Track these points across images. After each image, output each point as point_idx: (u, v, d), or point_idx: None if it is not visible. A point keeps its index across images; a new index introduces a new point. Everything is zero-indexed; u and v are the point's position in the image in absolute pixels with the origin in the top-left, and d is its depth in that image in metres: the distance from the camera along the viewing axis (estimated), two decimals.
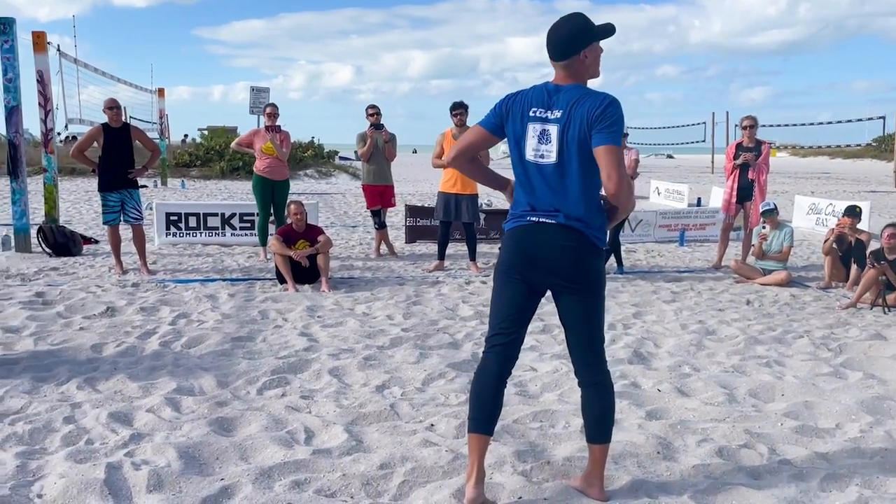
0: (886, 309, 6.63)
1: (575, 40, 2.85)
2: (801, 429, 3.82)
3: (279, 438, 3.61)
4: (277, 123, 8.66)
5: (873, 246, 7.49)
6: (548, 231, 2.87)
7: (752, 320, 6.29)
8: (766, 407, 4.20)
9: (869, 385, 4.55)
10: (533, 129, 2.86)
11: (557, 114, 2.83)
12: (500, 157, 56.90)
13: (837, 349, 5.41)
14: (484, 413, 3.02)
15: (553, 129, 2.83)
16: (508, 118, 2.92)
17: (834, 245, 7.89)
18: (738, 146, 8.77)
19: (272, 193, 8.62)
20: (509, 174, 3.21)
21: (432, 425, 3.86)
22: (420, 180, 24.98)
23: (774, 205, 8.24)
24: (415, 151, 13.69)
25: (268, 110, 8.67)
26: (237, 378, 4.56)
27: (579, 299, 2.97)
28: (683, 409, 4.13)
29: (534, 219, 2.90)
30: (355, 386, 4.50)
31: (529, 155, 2.88)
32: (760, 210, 8.25)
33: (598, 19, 2.92)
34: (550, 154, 2.84)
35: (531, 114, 2.87)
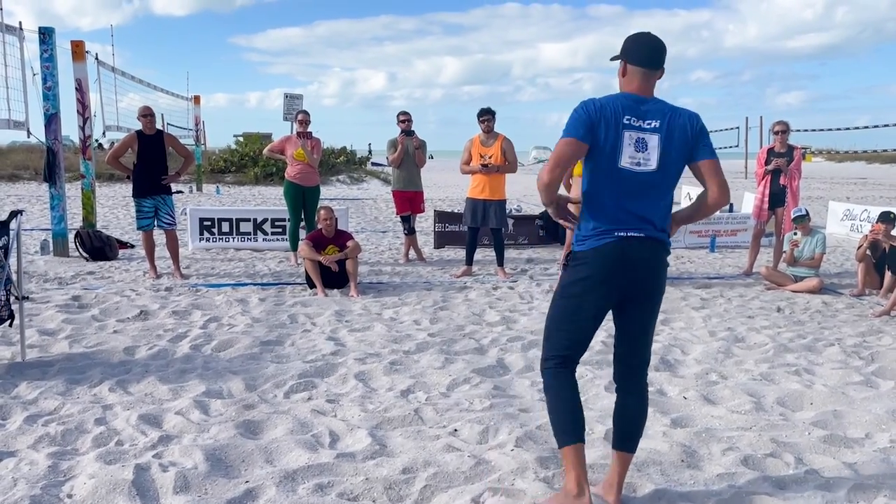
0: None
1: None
2: (829, 438, 3.77)
3: (304, 442, 3.66)
4: (309, 130, 8.77)
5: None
6: (637, 245, 2.90)
7: (782, 328, 6.21)
8: (793, 416, 4.15)
9: (893, 394, 4.47)
10: (629, 137, 2.87)
11: (654, 123, 2.89)
12: (531, 163, 56.70)
13: (869, 357, 5.32)
14: (578, 423, 3.02)
15: (652, 139, 2.88)
16: (600, 125, 2.88)
17: (868, 251, 7.75)
18: (770, 151, 8.66)
19: (303, 199, 8.73)
20: (535, 178, 3.22)
21: (456, 430, 3.88)
22: (451, 185, 25.03)
23: (806, 211, 8.12)
24: (431, 157, 13.76)
25: (299, 117, 8.78)
26: (265, 381, 4.62)
27: (647, 309, 3.02)
28: (709, 417, 4.10)
29: (622, 234, 2.90)
30: (381, 390, 4.54)
31: (625, 162, 2.88)
32: (792, 216, 8.14)
33: (633, 24, 2.99)
34: (649, 162, 2.88)
35: (625, 121, 2.88)
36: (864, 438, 3.81)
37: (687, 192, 19.92)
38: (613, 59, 3.05)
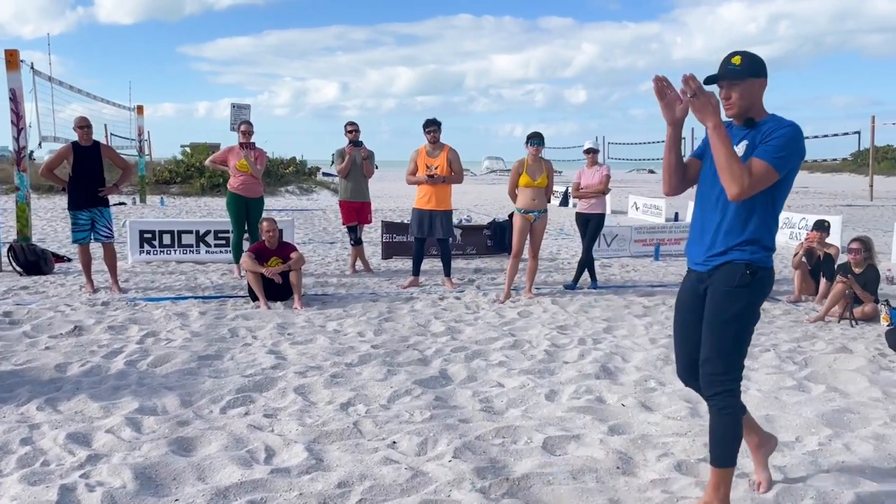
0: (853, 322, 6.69)
1: None
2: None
3: (238, 458, 3.59)
4: (252, 140, 8.66)
5: (842, 259, 7.57)
6: None
7: None
8: None
9: (831, 398, 4.58)
10: None
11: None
12: (483, 174, 56.69)
13: (803, 362, 5.45)
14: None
15: None
16: None
17: (803, 259, 7.96)
18: None
19: (246, 210, 8.61)
20: (494, 189, 3.22)
21: (394, 443, 3.86)
22: (402, 196, 25.02)
23: None
24: (377, 167, 13.66)
25: (242, 128, 8.67)
26: (201, 397, 4.53)
27: None
28: (646, 424, 4.14)
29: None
30: (320, 404, 4.48)
31: None
32: None
33: (583, 36, 2.96)
34: None
35: None
36: (795, 442, 3.90)
37: (633, 201, 20.28)
38: (753, 75, 2.90)
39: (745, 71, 2.88)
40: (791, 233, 13.21)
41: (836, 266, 7.35)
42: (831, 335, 6.27)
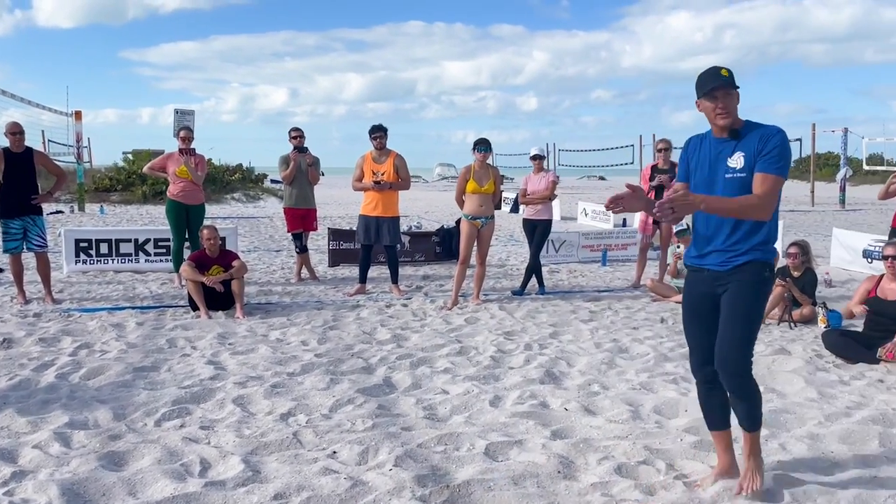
0: (792, 324, 6.84)
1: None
2: (700, 444, 3.87)
3: (171, 472, 3.47)
4: (192, 146, 8.48)
5: (781, 263, 7.74)
6: None
7: (664, 338, 6.39)
8: (668, 423, 4.25)
9: (769, 399, 4.64)
10: None
11: None
12: (435, 180, 56.85)
13: None
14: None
15: None
16: None
17: None
18: (654, 168, 8.97)
19: (187, 218, 8.41)
20: (445, 196, 3.20)
21: (335, 452, 3.78)
22: (351, 202, 24.83)
23: (688, 225, 8.43)
24: (322, 174, 13.39)
25: (181, 133, 8.48)
26: (135, 410, 4.38)
27: None
28: (588, 428, 4.15)
29: None
30: (259, 415, 4.37)
31: None
32: (675, 230, 8.44)
33: (534, 44, 2.98)
34: None
35: None
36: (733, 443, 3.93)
37: (583, 207, 20.51)
38: (737, 87, 3.15)
39: (734, 82, 3.12)
40: None
41: (775, 270, 7.50)
42: (770, 337, 6.39)
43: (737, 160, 3.11)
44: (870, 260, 10.18)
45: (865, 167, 31.41)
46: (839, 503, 3.23)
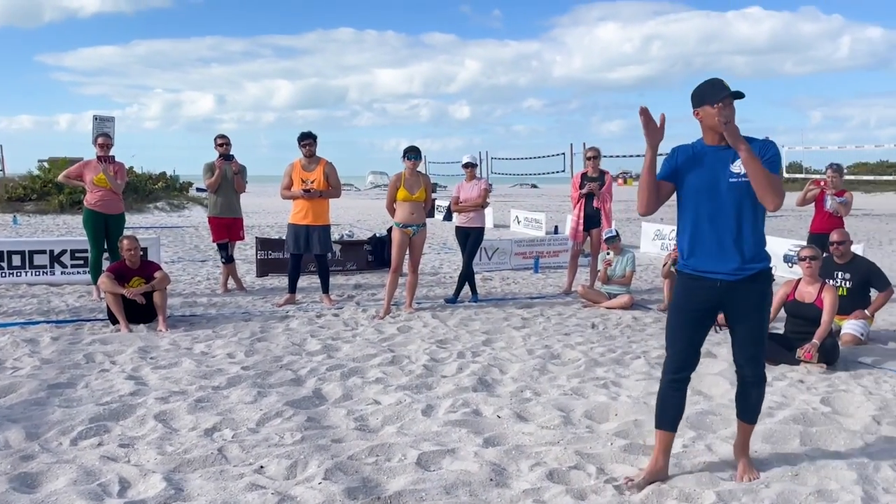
0: (717, 328, 6.99)
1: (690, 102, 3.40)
2: (629, 447, 3.91)
3: (88, 492, 3.30)
4: (111, 154, 8.17)
5: None
6: None
7: (595, 343, 6.47)
8: (599, 427, 4.28)
9: (695, 401, 4.74)
10: None
11: None
12: (367, 188, 56.41)
13: None
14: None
15: None
16: None
17: (672, 269, 8.27)
18: (584, 176, 9.10)
19: (106, 228, 8.09)
20: (378, 204, 3.12)
21: (262, 467, 3.66)
22: (281, 211, 24.45)
23: (617, 232, 8.59)
24: (246, 182, 13.08)
25: (100, 140, 8.16)
26: (49, 429, 4.15)
27: None
28: (521, 434, 4.14)
29: None
30: (182, 430, 4.21)
31: None
32: (604, 237, 8.57)
33: (465, 53, 2.98)
34: None
35: None
36: None
37: (515, 215, 20.70)
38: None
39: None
40: (662, 244, 13.82)
41: None
42: None
43: (740, 166, 3.27)
44: (790, 264, 10.56)
45: (786, 175, 32.81)
46: (762, 502, 3.30)
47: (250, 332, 6.75)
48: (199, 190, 28.84)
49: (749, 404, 3.59)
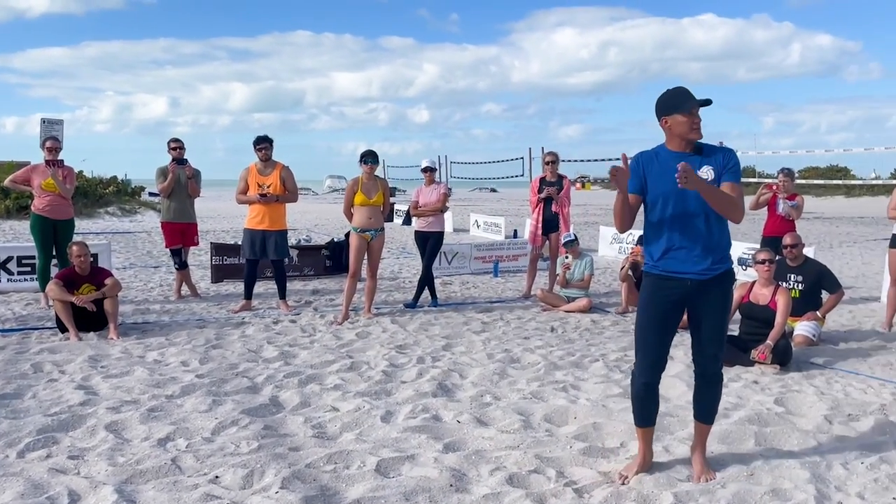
0: (678, 330, 7.08)
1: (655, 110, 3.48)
2: (588, 450, 3.92)
3: None
4: (60, 158, 7.95)
5: None
6: None
7: (554, 346, 6.49)
8: (558, 431, 4.29)
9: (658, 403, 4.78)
10: None
11: None
12: (325, 192, 55.92)
13: (628, 370, 5.67)
14: None
15: None
16: None
17: (629, 272, 8.37)
18: (542, 180, 9.15)
19: (54, 233, 7.86)
20: (336, 208, 3.08)
21: (217, 477, 3.58)
22: (236, 216, 24.14)
23: (575, 236, 8.65)
24: (199, 187, 12.77)
25: (48, 144, 7.93)
26: None
27: None
28: (481, 439, 4.12)
29: None
30: (135, 441, 4.10)
31: None
32: (562, 241, 8.62)
33: (424, 57, 2.95)
34: None
35: None
36: (619, 447, 4.02)
37: (475, 219, 20.74)
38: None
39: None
40: (619, 247, 13.97)
41: None
42: None
43: (706, 173, 3.38)
44: (744, 267, 10.76)
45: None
46: (719, 502, 3.33)
47: (205, 339, 6.62)
48: (151, 194, 28.31)
49: (706, 404, 3.65)
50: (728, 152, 3.46)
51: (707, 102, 3.36)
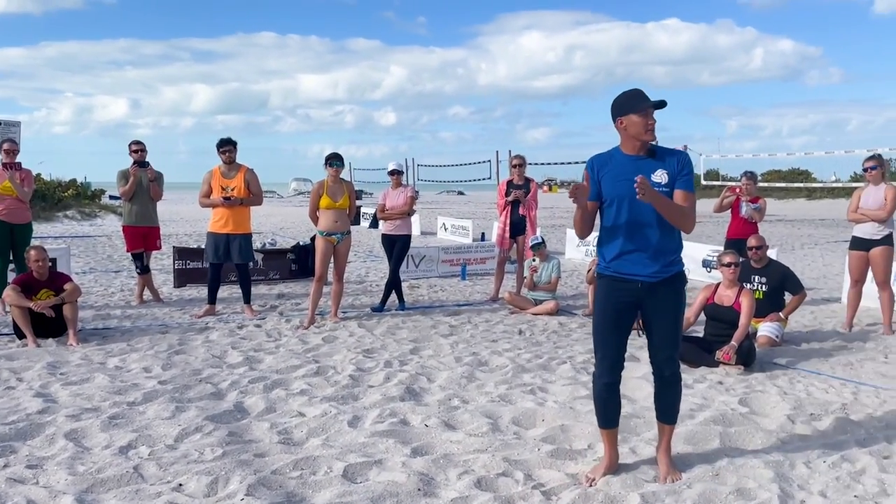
0: (640, 332, 7.13)
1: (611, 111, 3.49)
2: (556, 452, 3.93)
3: None
4: (18, 161, 7.76)
5: None
6: None
7: (522, 349, 6.50)
8: (526, 433, 4.29)
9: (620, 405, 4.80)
10: None
11: None
12: (290, 195, 55.50)
13: None
14: None
15: None
16: None
17: (595, 274, 8.41)
18: (509, 184, 9.16)
19: (11, 238, 7.66)
20: (301, 211, 3.04)
21: (181, 485, 3.52)
22: (199, 219, 23.82)
23: (542, 238, 8.68)
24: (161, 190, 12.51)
25: (5, 146, 7.73)
26: None
27: None
28: (449, 443, 4.10)
29: None
30: (95, 449, 4.00)
31: None
32: (530, 244, 8.65)
33: (391, 59, 2.92)
34: None
35: None
36: (587, 449, 4.03)
37: (442, 222, 20.74)
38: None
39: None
40: (586, 250, 14.06)
41: None
42: None
43: (661, 176, 3.40)
44: (709, 269, 10.90)
45: (703, 182, 33.96)
46: (685, 502, 3.35)
47: (168, 344, 6.50)
48: (112, 198, 27.84)
49: (667, 404, 3.69)
50: (682, 156, 3.48)
51: (662, 104, 3.37)
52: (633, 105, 3.39)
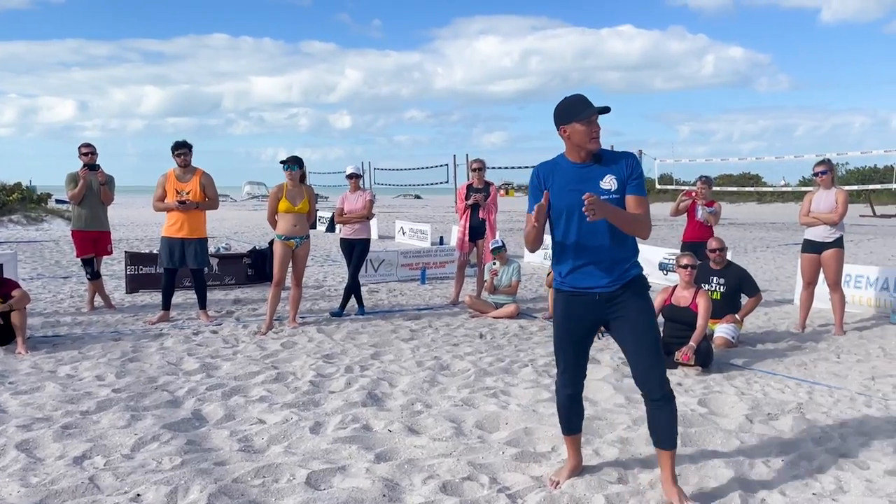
0: (600, 335, 7.21)
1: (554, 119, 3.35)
2: (520, 455, 3.93)
3: None
4: None
5: None
6: None
7: (483, 353, 6.49)
8: (490, 437, 4.28)
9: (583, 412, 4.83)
10: None
11: None
12: (244, 199, 54.78)
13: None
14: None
15: None
16: None
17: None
18: (469, 187, 9.17)
19: None
20: (256, 215, 2.95)
21: (139, 496, 3.42)
22: (151, 223, 23.35)
23: (502, 242, 8.70)
24: (112, 194, 12.09)
25: None
26: None
27: None
28: (412, 448, 4.07)
29: None
30: (48, 460, 3.87)
31: None
32: (490, 247, 8.66)
33: (346, 62, 2.84)
34: None
35: None
36: (551, 452, 4.03)
37: (400, 226, 20.68)
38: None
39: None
40: (545, 254, 14.15)
41: None
42: None
43: (609, 182, 3.27)
44: (665, 272, 11.05)
45: (658, 186, 34.49)
46: (649, 503, 3.37)
47: (121, 352, 6.34)
48: (59, 202, 27.09)
49: (662, 427, 3.36)
50: (630, 159, 3.32)
51: (605, 110, 3.19)
52: (575, 112, 3.22)
